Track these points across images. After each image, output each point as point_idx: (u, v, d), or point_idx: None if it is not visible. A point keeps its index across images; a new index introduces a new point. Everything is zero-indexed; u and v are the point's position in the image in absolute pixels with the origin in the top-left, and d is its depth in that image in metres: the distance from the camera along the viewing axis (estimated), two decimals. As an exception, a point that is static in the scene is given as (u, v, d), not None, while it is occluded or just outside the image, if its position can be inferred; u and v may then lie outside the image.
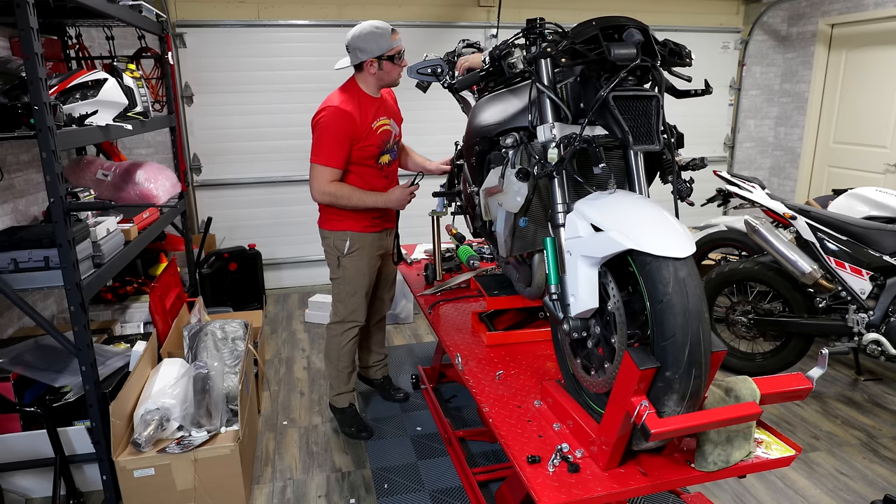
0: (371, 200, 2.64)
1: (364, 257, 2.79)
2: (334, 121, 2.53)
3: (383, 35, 2.52)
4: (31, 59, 1.96)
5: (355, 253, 2.76)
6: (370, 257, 2.82)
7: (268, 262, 5.18)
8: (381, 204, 2.67)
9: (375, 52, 2.53)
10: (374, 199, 2.65)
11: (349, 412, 3.05)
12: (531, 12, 4.87)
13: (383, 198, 2.67)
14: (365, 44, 2.52)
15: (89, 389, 2.28)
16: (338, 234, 2.74)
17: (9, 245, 2.24)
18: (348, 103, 2.56)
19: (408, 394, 3.38)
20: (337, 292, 2.86)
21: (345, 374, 2.99)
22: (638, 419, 1.35)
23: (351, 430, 3.01)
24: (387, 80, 2.63)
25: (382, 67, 2.57)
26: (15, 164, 3.25)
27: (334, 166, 2.57)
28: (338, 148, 2.54)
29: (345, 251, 2.74)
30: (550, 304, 1.61)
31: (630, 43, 1.53)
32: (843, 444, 2.96)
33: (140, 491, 2.30)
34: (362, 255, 2.78)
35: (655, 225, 1.40)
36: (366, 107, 2.61)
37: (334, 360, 2.96)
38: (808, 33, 5.57)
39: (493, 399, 1.89)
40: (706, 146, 5.99)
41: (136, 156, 4.78)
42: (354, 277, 2.80)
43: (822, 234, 3.14)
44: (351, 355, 2.97)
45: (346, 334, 2.90)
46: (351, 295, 2.83)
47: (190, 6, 4.73)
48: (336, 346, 2.93)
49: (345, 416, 3.05)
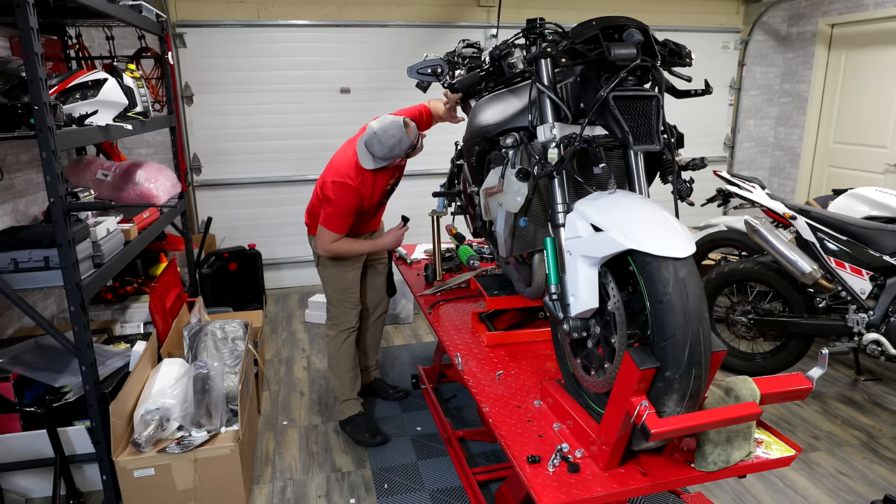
0: (369, 247, 2.84)
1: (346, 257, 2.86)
2: (344, 198, 2.64)
3: (401, 141, 2.54)
4: (31, 59, 1.96)
5: None
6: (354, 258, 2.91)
7: (268, 262, 5.18)
8: (379, 248, 2.87)
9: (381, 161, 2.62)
10: (371, 246, 2.84)
11: (359, 419, 3.00)
12: (531, 12, 4.88)
13: (379, 243, 2.86)
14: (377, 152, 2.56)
15: (89, 389, 2.29)
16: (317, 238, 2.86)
17: (9, 245, 2.24)
18: (357, 178, 2.63)
19: (407, 391, 3.38)
20: (326, 295, 2.98)
21: (347, 380, 2.99)
22: (638, 419, 1.35)
23: (365, 437, 2.94)
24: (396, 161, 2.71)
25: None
26: (15, 164, 3.25)
27: (339, 232, 2.72)
28: (346, 220, 2.70)
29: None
30: (550, 304, 1.61)
31: (630, 43, 1.53)
32: (843, 444, 2.96)
33: (140, 491, 2.30)
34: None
35: (655, 225, 1.40)
36: (378, 177, 2.70)
37: (334, 365, 3.00)
38: (808, 33, 5.57)
39: (493, 399, 1.89)
40: (706, 146, 5.99)
41: (136, 156, 4.78)
42: (336, 274, 2.89)
43: (822, 234, 3.14)
44: (349, 359, 2.98)
45: (339, 337, 2.96)
46: (338, 295, 2.92)
47: (190, 6, 4.74)
48: (333, 349, 2.98)
49: (355, 424, 2.99)
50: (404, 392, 3.37)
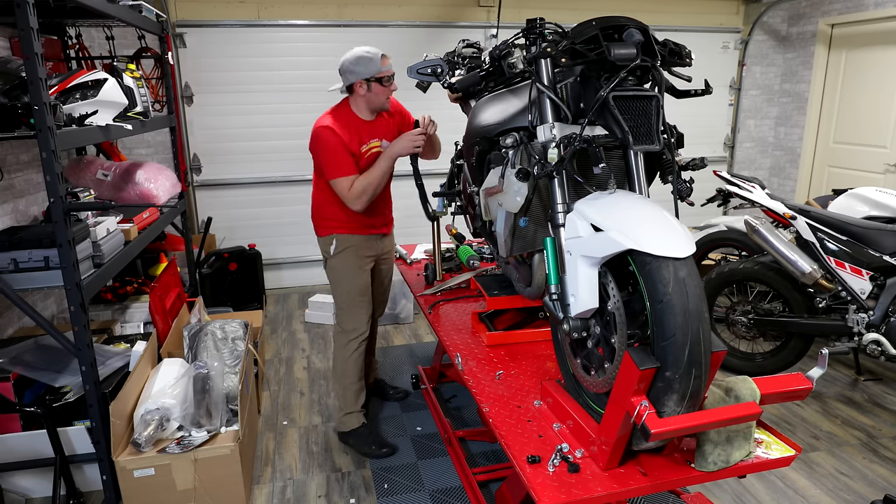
0: (382, 165, 2.64)
1: (351, 256, 2.79)
2: (323, 138, 2.58)
3: (373, 59, 2.57)
4: (31, 59, 1.96)
5: (341, 253, 2.78)
6: (358, 257, 2.81)
7: (268, 262, 5.18)
8: (392, 157, 2.65)
9: (364, 74, 2.57)
10: (383, 164, 2.64)
11: (363, 431, 2.91)
12: (531, 12, 4.87)
13: (389, 152, 2.65)
14: (355, 66, 2.57)
15: (89, 389, 2.28)
16: (324, 238, 2.81)
17: (9, 245, 2.24)
18: (335, 123, 2.60)
19: (407, 392, 3.38)
20: (335, 299, 2.88)
21: (351, 392, 2.89)
22: (638, 419, 1.35)
23: (371, 449, 2.86)
24: (376, 102, 2.64)
25: (371, 89, 2.60)
26: (15, 164, 3.25)
27: (348, 174, 2.60)
28: (341, 158, 2.59)
29: (331, 252, 2.79)
30: (550, 304, 1.61)
31: (630, 43, 1.53)
32: (843, 444, 2.96)
33: (140, 491, 2.30)
34: (348, 254, 2.79)
35: (655, 225, 1.40)
36: (354, 130, 2.64)
37: (340, 375, 2.89)
38: (808, 33, 5.57)
39: (493, 399, 1.89)
40: (706, 146, 5.99)
41: (136, 156, 4.78)
42: (343, 276, 2.81)
43: (822, 234, 3.14)
44: (358, 370, 2.87)
45: (349, 346, 2.85)
46: (346, 298, 2.82)
47: (190, 6, 4.73)
48: (341, 358, 2.87)
49: (359, 436, 2.90)
50: (404, 393, 3.37)
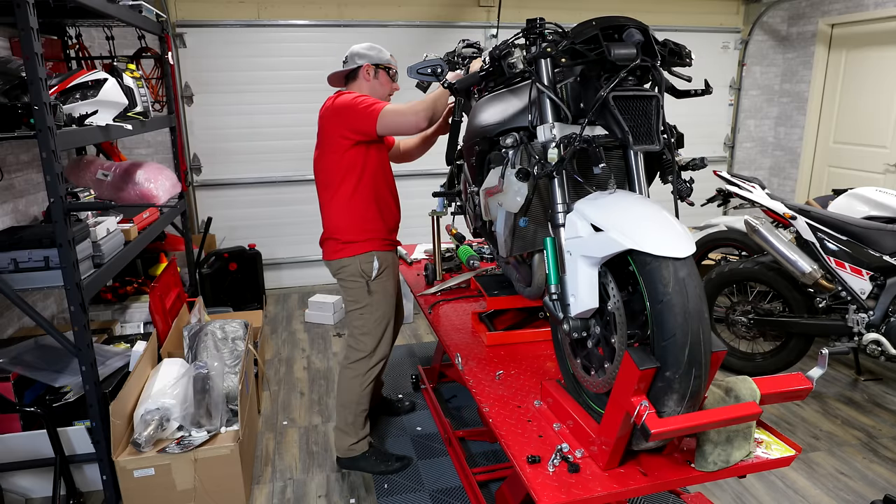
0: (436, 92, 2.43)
1: (391, 277, 2.62)
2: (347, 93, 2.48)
3: (383, 51, 2.63)
4: (31, 59, 1.96)
5: (383, 274, 2.56)
6: (395, 277, 2.65)
7: (268, 262, 5.18)
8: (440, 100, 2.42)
9: (375, 59, 2.59)
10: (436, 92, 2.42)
11: (371, 452, 2.71)
12: (531, 12, 4.87)
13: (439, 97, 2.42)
14: (367, 51, 2.60)
15: (89, 389, 2.28)
16: (362, 256, 2.52)
17: (9, 245, 2.24)
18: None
19: (413, 402, 3.28)
20: (362, 323, 2.58)
21: (361, 419, 2.66)
22: (638, 419, 1.35)
23: (388, 465, 2.70)
24: (379, 92, 2.61)
25: (378, 76, 2.60)
26: (15, 164, 3.25)
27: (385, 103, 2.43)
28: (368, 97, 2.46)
29: (373, 274, 2.52)
30: (550, 304, 1.61)
31: (630, 43, 1.53)
32: (843, 444, 2.96)
33: (140, 491, 2.30)
34: (389, 274, 2.60)
35: (655, 225, 1.40)
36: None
37: (353, 402, 2.61)
38: (808, 33, 5.57)
39: (493, 399, 1.89)
40: (706, 146, 5.99)
41: (136, 156, 4.78)
42: (384, 301, 2.58)
43: (822, 234, 3.14)
44: (369, 396, 2.67)
45: (371, 372, 2.62)
46: (380, 323, 2.59)
47: (190, 6, 4.74)
48: (358, 387, 2.60)
49: (369, 459, 2.70)
50: (411, 404, 3.25)
